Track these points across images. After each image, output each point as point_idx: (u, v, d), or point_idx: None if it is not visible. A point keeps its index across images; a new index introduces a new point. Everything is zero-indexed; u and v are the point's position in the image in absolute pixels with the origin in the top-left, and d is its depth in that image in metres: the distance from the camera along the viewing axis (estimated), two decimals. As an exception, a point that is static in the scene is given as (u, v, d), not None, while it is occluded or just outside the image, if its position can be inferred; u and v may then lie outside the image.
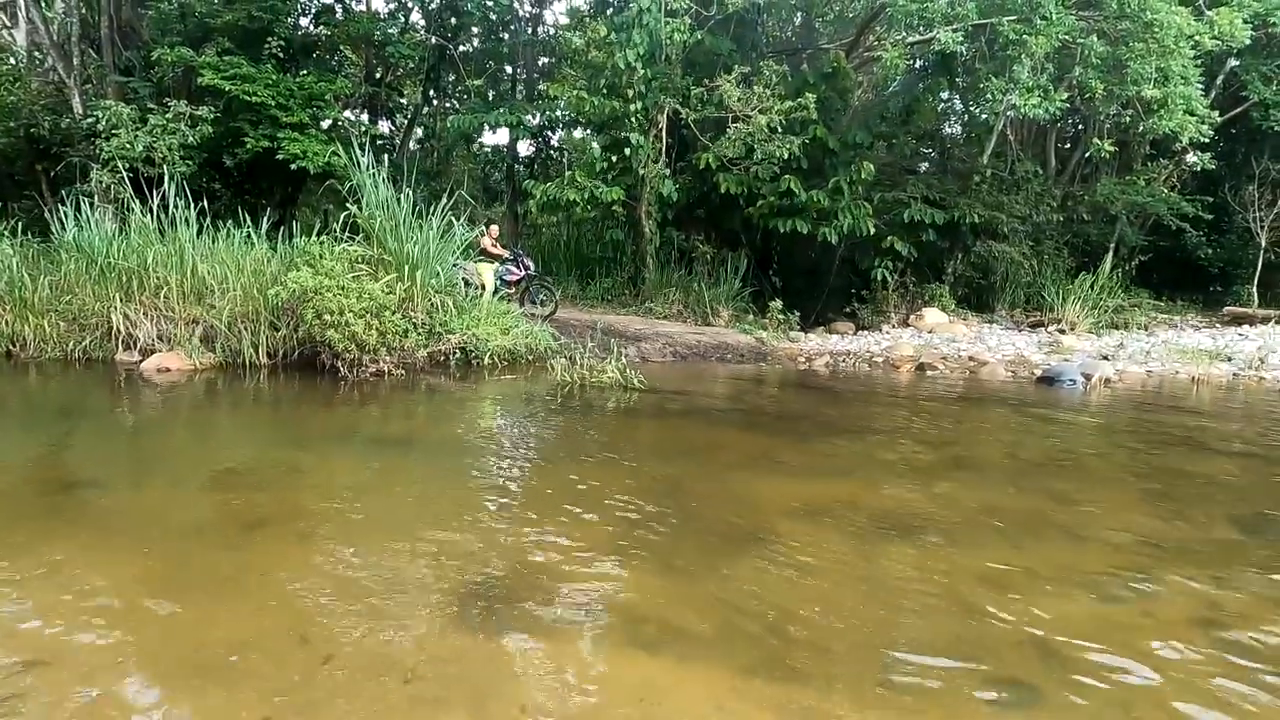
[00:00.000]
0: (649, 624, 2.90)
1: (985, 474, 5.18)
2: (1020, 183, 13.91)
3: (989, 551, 3.66)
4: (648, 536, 3.73)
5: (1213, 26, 10.59)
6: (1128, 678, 2.59)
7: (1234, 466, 5.55)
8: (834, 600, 3.09)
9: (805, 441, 5.82)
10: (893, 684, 2.52)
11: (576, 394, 7.09)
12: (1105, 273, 13.84)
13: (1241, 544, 3.91)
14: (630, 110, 10.87)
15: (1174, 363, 10.18)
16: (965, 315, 13.09)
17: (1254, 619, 3.04)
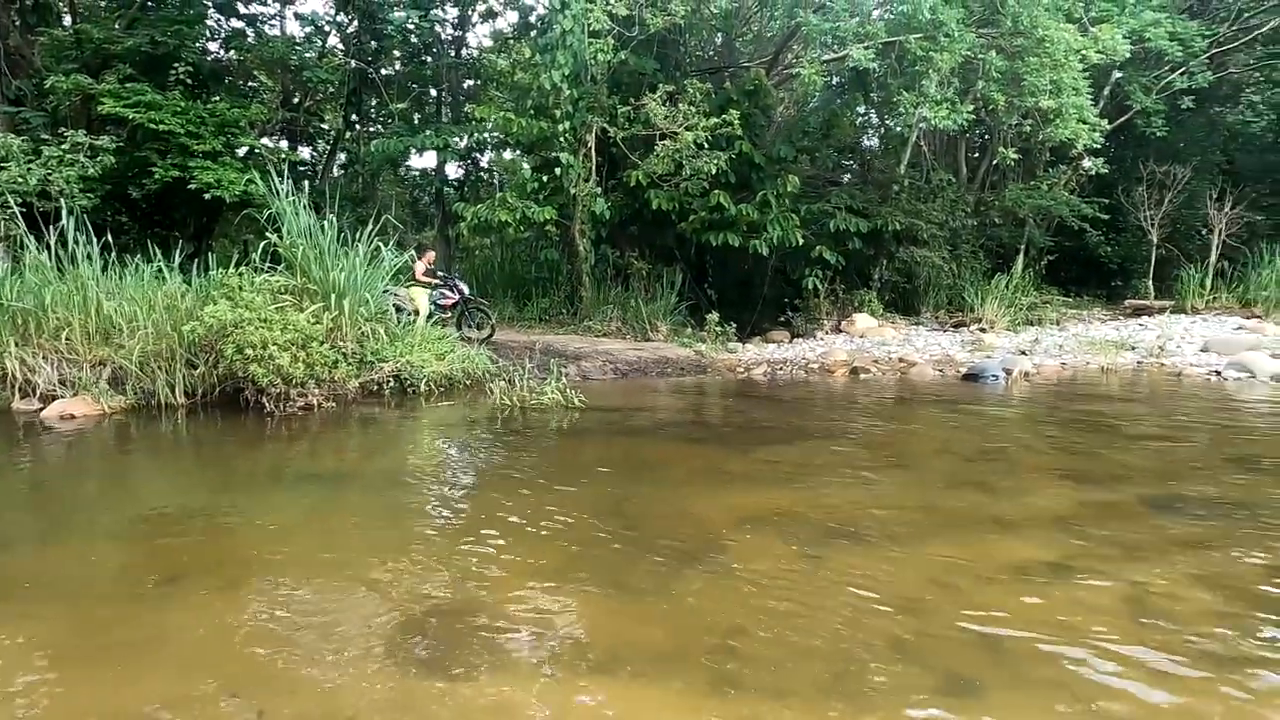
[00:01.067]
0: (599, 648, 2.84)
1: (921, 472, 5.35)
2: (936, 191, 14.61)
3: (929, 549, 3.77)
4: (595, 557, 3.68)
5: (1096, 42, 11.44)
6: (1066, 663, 2.70)
7: (1144, 449, 5.92)
8: (783, 610, 3.11)
9: (748, 451, 5.88)
10: (844, 691, 2.54)
11: (517, 417, 6.97)
12: (1018, 273, 14.64)
13: (1156, 523, 4.16)
14: (559, 130, 10.89)
15: (1085, 354, 10.82)
16: (893, 319, 13.59)
17: (1174, 595, 3.22)
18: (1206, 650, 2.75)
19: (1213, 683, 2.55)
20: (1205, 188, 15.36)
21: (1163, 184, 14.89)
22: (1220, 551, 3.68)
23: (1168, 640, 2.82)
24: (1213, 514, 4.26)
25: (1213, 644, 2.79)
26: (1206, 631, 2.89)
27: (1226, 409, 7.59)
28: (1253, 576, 3.40)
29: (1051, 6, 10.96)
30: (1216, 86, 15.64)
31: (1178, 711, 2.41)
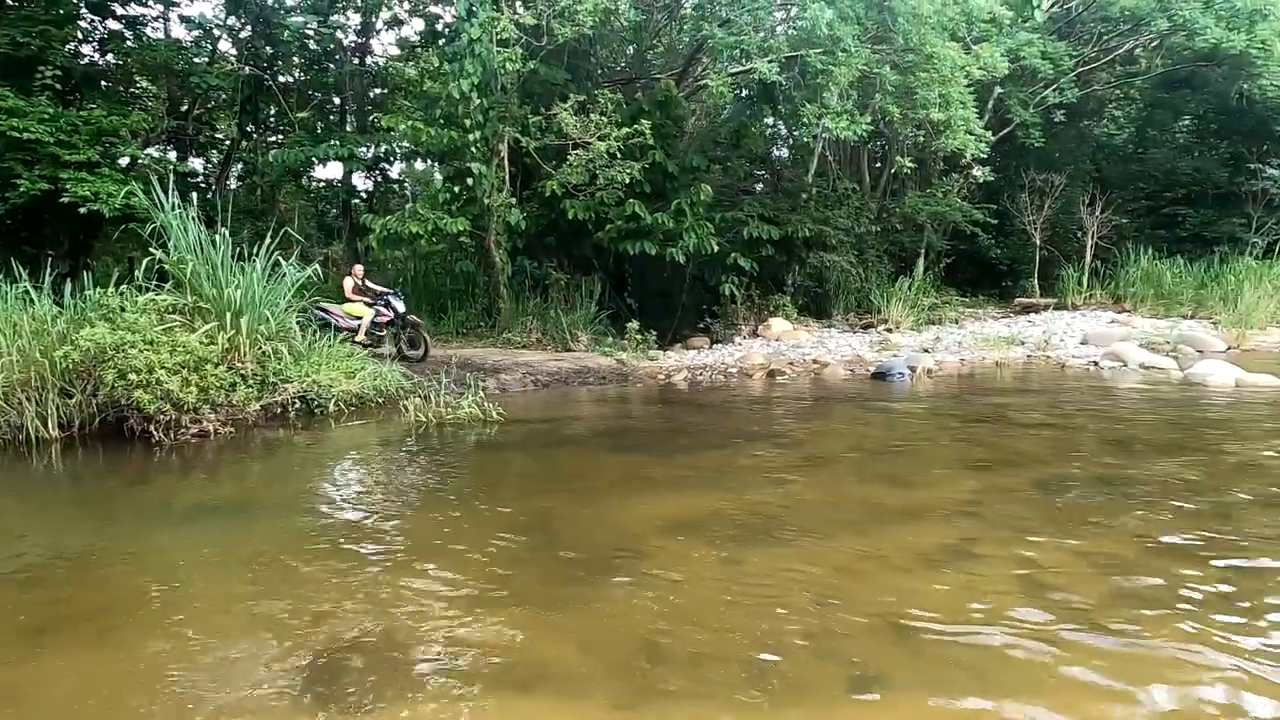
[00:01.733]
0: (521, 666, 2.77)
1: (834, 469, 5.53)
2: (842, 199, 15.28)
3: (841, 542, 3.89)
4: (516, 574, 3.59)
5: (978, 59, 12.29)
6: (968, 643, 2.83)
7: (1034, 436, 6.35)
8: (704, 612, 3.12)
9: (670, 457, 5.91)
10: (762, 689, 2.57)
11: (433, 434, 6.75)
12: (919, 275, 15.48)
13: (1046, 505, 4.45)
14: (470, 140, 10.69)
15: (981, 350, 11.54)
16: (807, 322, 14.07)
17: (1065, 571, 3.44)
18: (1092, 621, 2.95)
19: (1098, 651, 2.73)
20: (1079, 194, 16.75)
21: (1042, 191, 16.13)
22: (1101, 528, 3.98)
23: (1057, 614, 3.00)
24: (1094, 493, 4.61)
25: (1096, 615, 3.00)
26: (1091, 603, 3.10)
27: (1103, 396, 8.26)
28: (1129, 549, 3.69)
29: (938, 26, 11.70)
30: (1084, 102, 17.12)
31: (1068, 683, 2.56)
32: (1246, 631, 2.84)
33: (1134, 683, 2.53)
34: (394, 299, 10.07)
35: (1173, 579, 3.31)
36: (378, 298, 10.06)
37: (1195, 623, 2.91)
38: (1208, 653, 2.70)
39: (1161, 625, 2.90)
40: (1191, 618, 2.95)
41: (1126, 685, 2.52)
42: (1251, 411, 7.08)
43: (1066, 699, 2.46)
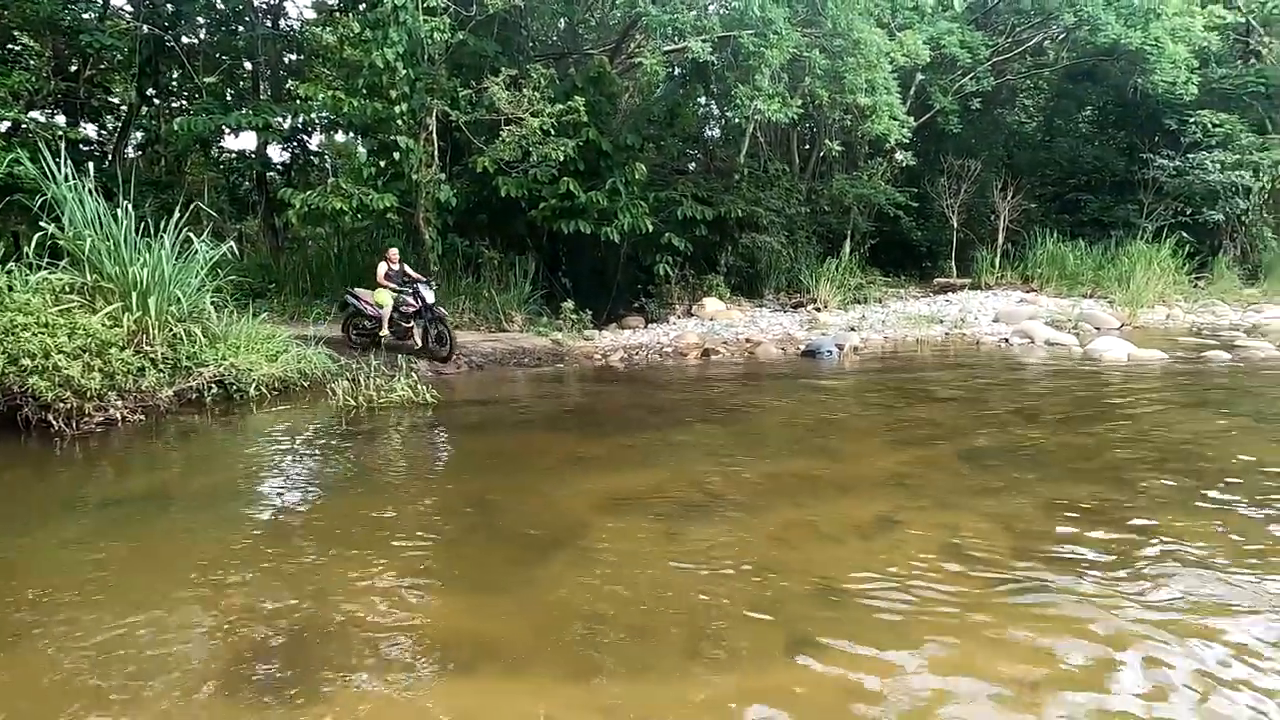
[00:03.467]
0: (464, 648, 2.76)
1: (768, 444, 5.70)
2: (773, 180, 15.54)
3: (776, 514, 4.03)
4: (454, 557, 3.55)
5: (902, 46, 12.67)
6: (894, 604, 3.00)
7: (951, 409, 6.71)
8: (646, 587, 3.19)
9: (607, 436, 5.95)
10: (703, 658, 2.65)
11: (364, 417, 6.55)
12: (846, 256, 15.96)
13: (963, 473, 4.73)
14: (396, 112, 10.26)
15: (903, 328, 12.07)
16: (740, 301, 14.33)
17: (980, 534, 3.68)
18: (1005, 579, 3.18)
19: (1010, 607, 2.95)
20: (992, 179, 17.59)
21: (959, 176, 16.86)
22: (1011, 493, 4.27)
23: (974, 574, 3.22)
24: (1005, 462, 4.93)
25: (1008, 573, 3.23)
26: (1003, 563, 3.34)
27: (1013, 370, 8.80)
28: (1036, 512, 3.97)
29: (864, 12, 11.98)
30: (998, 91, 17.93)
31: (984, 637, 2.76)
32: (1138, 582, 3.12)
33: (1042, 634, 2.75)
34: (424, 288, 9.15)
35: (1074, 538, 3.60)
36: (407, 284, 9.25)
37: (1095, 576, 3.18)
38: (1106, 604, 2.95)
39: (1065, 580, 3.15)
40: (1091, 572, 3.22)
41: (1036, 636, 2.74)
42: (1141, 384, 7.70)
43: (982, 651, 2.65)
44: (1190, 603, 2.95)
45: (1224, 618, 2.82)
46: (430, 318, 9.21)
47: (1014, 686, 2.44)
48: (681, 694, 2.44)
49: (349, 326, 9.41)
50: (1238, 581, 3.11)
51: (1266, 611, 2.87)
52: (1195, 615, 2.85)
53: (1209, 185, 15.90)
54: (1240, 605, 2.92)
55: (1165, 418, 6.15)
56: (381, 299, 9.15)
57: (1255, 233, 16.96)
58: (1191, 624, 2.78)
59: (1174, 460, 4.89)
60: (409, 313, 9.17)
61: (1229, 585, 3.08)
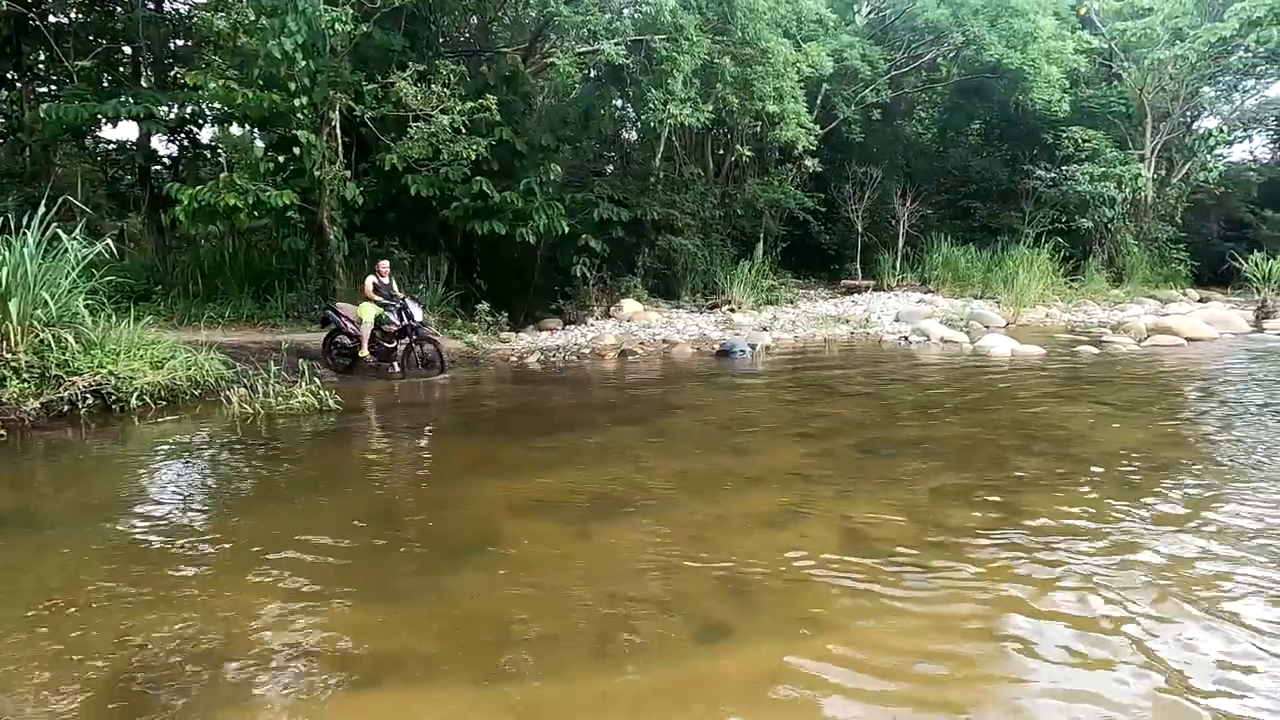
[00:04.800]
0: (365, 663, 2.67)
1: (682, 442, 5.80)
2: (688, 183, 15.83)
3: (687, 511, 4.11)
4: (358, 570, 3.43)
5: (807, 56, 13.20)
6: (799, 590, 3.13)
7: (853, 404, 7.04)
8: (558, 588, 3.18)
9: (523, 439, 5.89)
10: (613, 655, 2.68)
11: (262, 426, 6.20)
12: (759, 258, 16.45)
13: (863, 464, 4.98)
14: (295, 105, 9.75)
15: (812, 328, 12.55)
16: (657, 303, 14.49)
17: (878, 521, 3.88)
18: (899, 561, 3.37)
19: (905, 585, 3.13)
20: (893, 186, 18.59)
21: (863, 183, 17.73)
22: (907, 481, 4.53)
23: (872, 559, 3.40)
24: (901, 452, 5.22)
25: (903, 556, 3.43)
26: (898, 547, 3.53)
27: (911, 366, 9.32)
28: (928, 499, 4.23)
29: (772, 22, 12.39)
30: (897, 103, 18.97)
31: (880, 614, 2.92)
32: (1018, 555, 3.39)
33: (934, 608, 2.94)
34: (412, 304, 8.57)
35: (962, 520, 3.86)
36: (393, 301, 8.62)
37: (980, 553, 3.42)
38: (991, 578, 3.19)
39: (955, 558, 3.38)
40: (977, 550, 3.47)
41: (928, 610, 2.92)
42: (1022, 377, 8.34)
43: (881, 626, 2.81)
44: (1061, 573, 3.22)
45: (1088, 584, 3.10)
46: (417, 337, 8.59)
47: (911, 657, 2.59)
48: (593, 692, 2.45)
49: (328, 345, 8.74)
50: (1101, 551, 3.42)
51: (1124, 576, 3.18)
52: (1065, 583, 3.11)
53: (1080, 195, 17.39)
54: (1102, 574, 3.21)
55: (1042, 407, 6.68)
56: (364, 313, 8.48)
57: (1120, 239, 18.68)
58: (1062, 590, 3.04)
59: (1048, 445, 5.33)
60: (391, 332, 8.53)
61: (1094, 555, 3.38)
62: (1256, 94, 22.05)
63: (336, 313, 8.70)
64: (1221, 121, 21.86)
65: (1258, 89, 21.61)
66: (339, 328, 8.61)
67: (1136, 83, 18.82)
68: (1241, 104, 22.21)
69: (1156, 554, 3.40)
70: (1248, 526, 3.69)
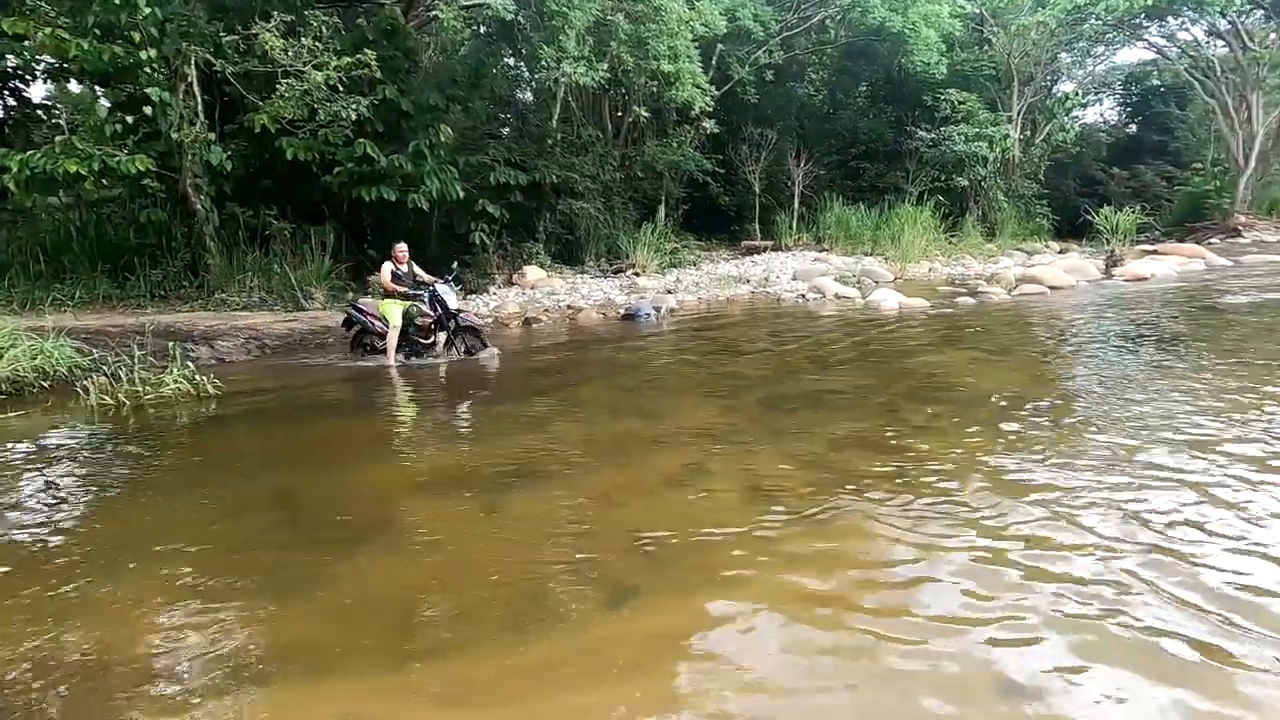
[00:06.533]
0: (264, 656, 2.50)
1: (588, 408, 5.77)
2: (586, 145, 15.54)
3: (595, 476, 4.09)
4: (246, 564, 3.19)
5: (700, 15, 13.15)
6: (705, 548, 3.18)
7: (754, 361, 7.24)
8: (464, 564, 3.09)
9: (422, 414, 5.67)
10: (523, 625, 2.64)
11: (129, 418, 5.64)
12: (661, 221, 16.49)
13: (765, 420, 5.13)
14: (143, 59, 8.73)
15: (715, 289, 12.76)
16: (561, 269, 14.28)
17: (781, 472, 4.01)
18: (800, 511, 3.50)
19: (804, 534, 3.26)
20: (788, 148, 19.03)
21: (759, 144, 18.03)
22: (805, 433, 4.70)
23: (774, 511, 3.51)
24: (800, 405, 5.42)
25: (804, 506, 3.56)
26: (799, 497, 3.67)
27: (808, 322, 9.68)
28: (825, 449, 4.41)
29: (664, -22, 12.25)
30: (788, 64, 19.30)
31: (781, 564, 3.02)
32: (913, 496, 3.59)
33: (834, 552, 3.07)
34: (442, 289, 7.63)
35: (859, 467, 4.04)
36: (419, 288, 7.64)
37: (873, 496, 3.61)
38: (885, 520, 3.36)
39: (851, 505, 3.54)
40: (874, 494, 3.65)
41: (830, 558, 3.05)
42: (909, 328, 8.85)
43: (787, 575, 2.90)
44: (951, 509, 3.45)
45: (978, 517, 3.34)
46: (456, 328, 7.72)
47: (814, 602, 2.70)
48: (504, 664, 2.41)
49: (356, 344, 7.87)
50: (986, 487, 3.69)
51: (1008, 506, 3.44)
52: (957, 519, 3.34)
53: (957, 155, 18.46)
54: (982, 510, 3.46)
55: (927, 356, 7.12)
56: (390, 313, 7.49)
57: (991, 196, 20.05)
58: (955, 526, 3.26)
59: (933, 391, 5.69)
60: (427, 325, 7.66)
61: (980, 491, 3.64)
62: (1106, 60, 24.05)
63: (361, 311, 7.80)
64: (1076, 86, 23.74)
65: (1106, 55, 23.57)
66: (366, 327, 7.70)
67: (1004, 47, 20.03)
68: (1093, 69, 24.18)
69: (1033, 484, 3.70)
70: (1104, 454, 4.08)
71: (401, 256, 7.84)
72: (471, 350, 7.77)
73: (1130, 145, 26.39)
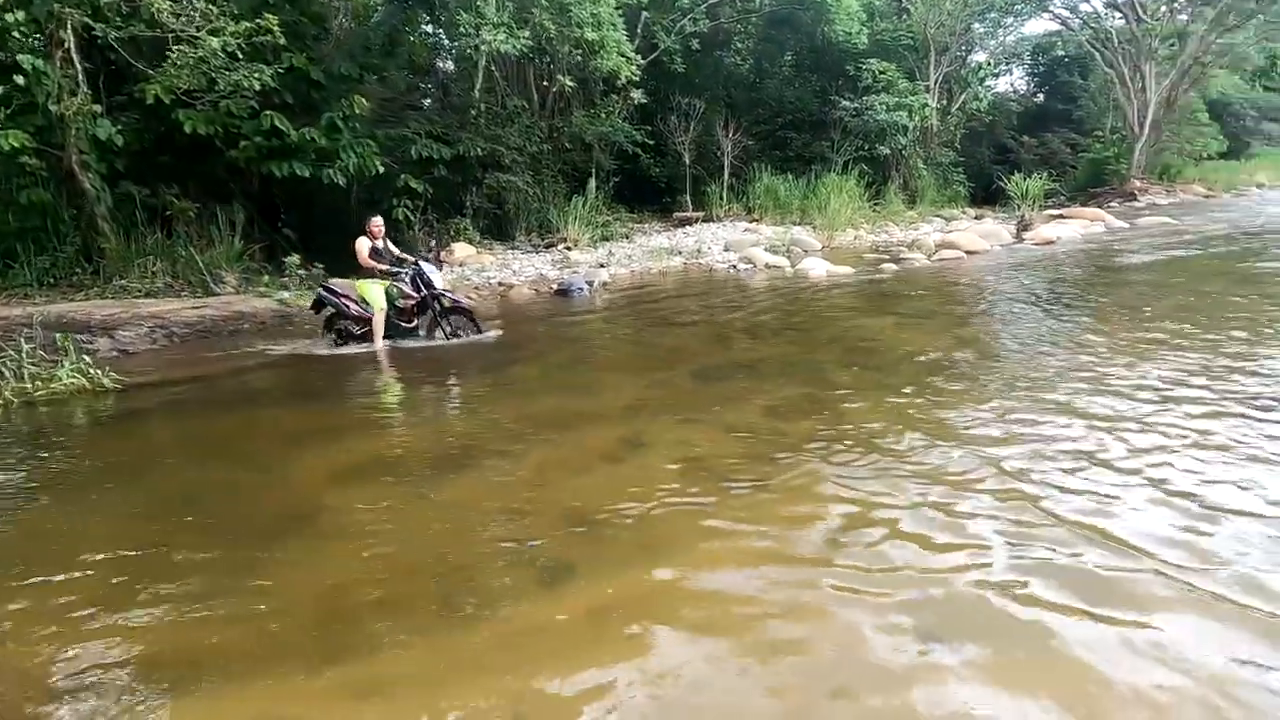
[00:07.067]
0: (180, 664, 2.37)
1: (520, 386, 5.67)
2: (512, 116, 15.10)
3: (528, 456, 4.03)
4: (155, 569, 3.00)
5: (624, -19, 12.89)
6: (639, 521, 3.19)
7: (686, 333, 7.28)
8: (393, 555, 3.00)
9: (345, 400, 5.46)
10: (460, 610, 2.59)
11: (16, 416, 5.20)
12: (592, 194, 16.26)
13: (699, 391, 5.17)
14: (10, 22, 7.90)
15: (648, 262, 12.73)
16: (490, 245, 13.92)
17: (715, 442, 4.05)
18: (732, 479, 3.55)
19: (737, 501, 3.31)
20: (716, 118, 19.02)
21: (688, 114, 17.94)
22: (738, 402, 4.76)
23: (707, 481, 3.54)
24: (733, 375, 5.49)
25: (735, 474, 3.61)
26: (731, 466, 3.72)
27: (739, 292, 9.79)
28: (757, 417, 4.49)
29: (585, -57, 11.91)
30: (715, 33, 19.18)
31: (716, 533, 3.06)
32: (841, 455, 3.70)
33: (769, 523, 3.13)
34: (427, 267, 7.04)
35: (791, 434, 4.12)
36: (399, 266, 7.01)
37: (806, 460, 3.69)
38: (818, 480, 3.45)
39: (782, 472, 3.62)
40: (803, 457, 3.73)
41: (764, 526, 3.10)
42: (836, 296, 9.07)
43: (722, 544, 2.95)
44: (880, 467, 3.56)
45: (907, 475, 3.46)
46: (442, 309, 7.12)
47: (748, 571, 2.75)
48: (433, 656, 2.35)
49: (329, 328, 7.26)
50: (915, 446, 3.83)
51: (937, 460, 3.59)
52: (888, 478, 3.45)
53: (879, 124, 18.87)
54: (910, 463, 3.60)
55: (852, 321, 7.33)
56: (371, 294, 6.92)
57: (912, 165, 20.66)
58: (888, 483, 3.37)
59: (860, 356, 5.86)
60: (409, 308, 7.10)
61: (908, 450, 3.78)
62: (1015, 30, 24.96)
63: (332, 293, 7.17)
64: (989, 56, 24.58)
65: (1015, 26, 24.46)
66: (339, 311, 7.12)
67: (921, 17, 20.50)
68: (1004, 40, 25.08)
69: (957, 440, 3.86)
70: (1016, 404, 4.30)
71: (377, 231, 7.21)
72: (459, 334, 7.20)
73: (1039, 114, 27.61)
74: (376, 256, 7.09)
